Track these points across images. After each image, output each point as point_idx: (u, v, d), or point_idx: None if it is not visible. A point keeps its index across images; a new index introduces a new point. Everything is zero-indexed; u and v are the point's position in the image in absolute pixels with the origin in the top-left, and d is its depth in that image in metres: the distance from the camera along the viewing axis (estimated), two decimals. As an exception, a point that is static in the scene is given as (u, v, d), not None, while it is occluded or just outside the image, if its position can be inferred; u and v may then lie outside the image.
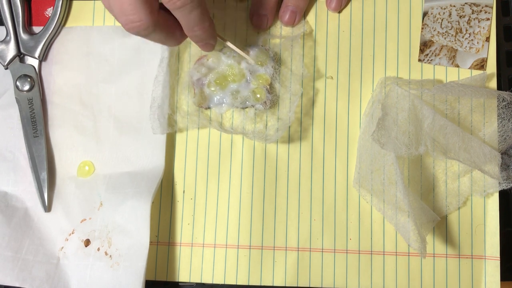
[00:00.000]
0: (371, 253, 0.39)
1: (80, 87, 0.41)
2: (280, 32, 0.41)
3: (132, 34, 0.32)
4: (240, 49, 0.39)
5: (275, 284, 0.39)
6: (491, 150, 0.36)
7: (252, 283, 0.38)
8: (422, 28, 0.40)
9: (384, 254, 0.39)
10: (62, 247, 0.38)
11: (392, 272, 0.38)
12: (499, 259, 0.38)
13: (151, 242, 0.39)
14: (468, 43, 0.40)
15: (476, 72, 0.40)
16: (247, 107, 0.40)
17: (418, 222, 0.36)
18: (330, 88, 0.40)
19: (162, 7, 0.32)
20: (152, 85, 0.39)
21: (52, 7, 0.41)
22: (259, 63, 0.39)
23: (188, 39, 0.35)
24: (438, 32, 0.40)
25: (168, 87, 0.39)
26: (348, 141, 0.40)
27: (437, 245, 0.39)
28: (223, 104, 0.39)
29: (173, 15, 0.32)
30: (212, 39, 0.35)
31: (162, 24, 0.32)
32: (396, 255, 0.39)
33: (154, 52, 0.40)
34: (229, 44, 0.37)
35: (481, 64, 0.40)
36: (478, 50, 0.40)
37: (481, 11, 0.40)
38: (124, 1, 0.29)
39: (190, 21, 0.32)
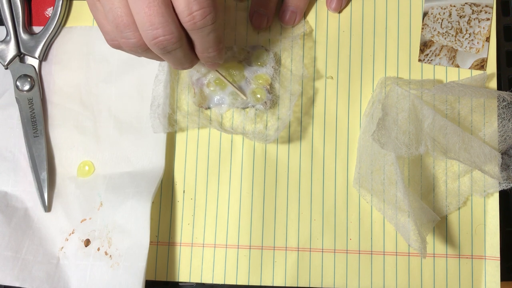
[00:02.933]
0: (371, 253, 0.39)
1: (80, 87, 0.41)
2: (280, 32, 0.41)
3: (156, 51, 0.30)
4: (240, 50, 0.39)
5: (275, 284, 0.38)
6: (491, 150, 0.36)
7: (252, 283, 0.38)
8: (422, 28, 0.40)
9: (384, 254, 0.39)
10: (62, 247, 0.38)
11: (392, 272, 0.38)
12: (499, 259, 0.38)
13: (151, 242, 0.39)
14: (468, 43, 0.40)
15: (476, 72, 0.40)
16: (247, 107, 0.40)
17: (418, 222, 0.36)
18: (330, 88, 0.40)
19: None
20: (153, 84, 0.39)
21: (52, 7, 0.41)
22: (259, 63, 0.39)
23: None
24: (438, 32, 0.40)
25: (169, 86, 0.39)
26: (348, 141, 0.40)
27: (437, 245, 0.39)
28: (223, 104, 0.39)
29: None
30: (221, 59, 0.34)
31: (185, 41, 0.31)
32: (396, 255, 0.39)
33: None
34: (220, 76, 0.38)
35: (481, 64, 0.40)
36: (478, 50, 0.40)
37: (481, 11, 0.40)
38: (153, 13, 0.28)
39: (206, 43, 0.31)
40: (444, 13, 0.40)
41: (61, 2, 0.40)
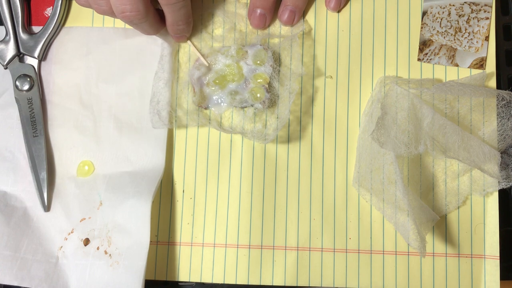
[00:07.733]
0: (371, 253, 0.39)
1: (80, 87, 0.41)
2: (280, 31, 0.41)
3: (123, 21, 0.34)
4: (239, 50, 0.39)
5: (274, 284, 0.38)
6: (490, 149, 0.36)
7: (251, 282, 0.38)
8: (422, 27, 0.40)
9: (383, 254, 0.39)
10: (61, 247, 0.38)
11: (391, 271, 0.38)
12: (498, 258, 0.38)
13: (150, 242, 0.39)
14: (468, 42, 0.40)
15: (476, 71, 0.40)
16: (246, 107, 0.40)
17: (418, 221, 0.36)
18: (329, 87, 0.40)
19: None
20: (152, 80, 0.39)
21: (51, 7, 0.41)
22: (258, 62, 0.39)
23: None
24: (438, 31, 0.40)
25: (168, 84, 0.39)
26: (348, 141, 0.40)
27: (436, 245, 0.39)
28: (222, 104, 0.39)
29: (154, 7, 0.35)
30: (189, 32, 0.39)
31: (151, 16, 0.35)
32: (396, 254, 0.39)
33: (155, 54, 0.40)
34: (190, 44, 0.40)
35: (480, 63, 0.40)
36: (478, 49, 0.40)
37: (480, 10, 0.40)
38: None
39: (178, 16, 0.36)
40: (443, 12, 0.40)
41: (60, 2, 0.40)
